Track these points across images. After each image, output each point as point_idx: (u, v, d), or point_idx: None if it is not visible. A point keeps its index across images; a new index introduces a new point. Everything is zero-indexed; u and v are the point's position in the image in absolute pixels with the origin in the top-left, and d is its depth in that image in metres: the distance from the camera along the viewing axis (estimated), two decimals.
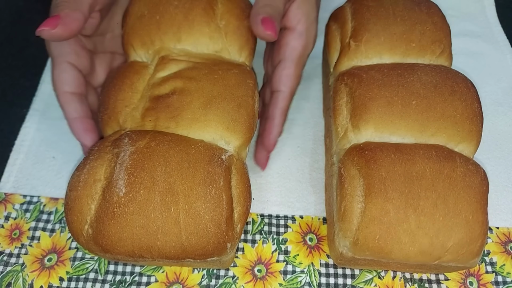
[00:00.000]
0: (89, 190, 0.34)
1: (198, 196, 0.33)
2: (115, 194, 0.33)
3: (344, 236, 0.36)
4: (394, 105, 0.37)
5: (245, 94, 0.39)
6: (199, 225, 0.33)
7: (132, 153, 0.34)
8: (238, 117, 0.38)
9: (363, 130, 0.38)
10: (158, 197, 0.33)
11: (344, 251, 0.37)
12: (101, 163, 0.35)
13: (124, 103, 0.39)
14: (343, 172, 0.37)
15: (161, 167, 0.34)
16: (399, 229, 0.34)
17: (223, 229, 0.33)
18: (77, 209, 0.34)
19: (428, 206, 0.34)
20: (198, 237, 0.33)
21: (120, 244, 0.33)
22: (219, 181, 0.34)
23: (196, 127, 0.37)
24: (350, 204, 0.35)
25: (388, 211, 0.34)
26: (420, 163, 0.35)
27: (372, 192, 0.34)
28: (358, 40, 0.42)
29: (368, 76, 0.39)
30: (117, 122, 0.39)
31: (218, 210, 0.33)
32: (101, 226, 0.33)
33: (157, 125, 0.37)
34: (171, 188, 0.33)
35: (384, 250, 0.34)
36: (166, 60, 0.40)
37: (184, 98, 0.37)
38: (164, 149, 0.35)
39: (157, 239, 0.33)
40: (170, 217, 0.33)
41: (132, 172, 0.34)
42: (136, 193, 0.33)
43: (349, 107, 0.39)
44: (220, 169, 0.35)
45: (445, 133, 0.37)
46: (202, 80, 0.38)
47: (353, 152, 0.37)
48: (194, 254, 0.34)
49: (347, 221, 0.35)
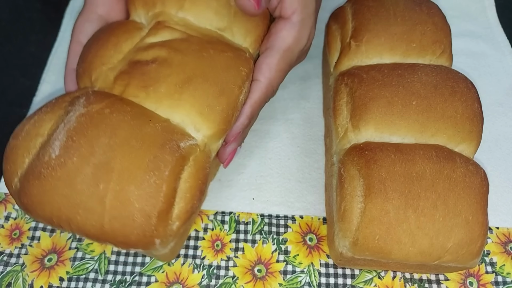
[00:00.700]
0: (28, 143, 0.32)
1: (133, 180, 0.30)
2: (47, 154, 0.31)
3: (344, 236, 0.36)
4: (395, 105, 0.37)
5: (232, 81, 0.35)
6: (125, 211, 0.30)
7: (80, 115, 0.32)
8: (216, 104, 0.34)
9: (363, 130, 0.38)
10: (90, 170, 0.30)
11: (344, 251, 0.37)
12: (50, 117, 0.33)
13: (102, 61, 0.36)
14: (343, 172, 0.37)
15: (105, 138, 0.31)
16: (399, 229, 0.34)
17: (152, 222, 0.30)
18: (12, 159, 0.32)
19: (428, 206, 0.34)
20: (121, 224, 0.30)
21: (39, 208, 0.31)
22: (164, 170, 0.31)
23: (167, 104, 0.34)
24: (350, 204, 0.35)
25: (388, 211, 0.34)
26: (420, 164, 0.35)
27: (372, 192, 0.34)
28: (358, 40, 0.42)
29: (369, 76, 0.39)
30: (89, 78, 0.36)
31: (151, 201, 0.30)
32: (26, 184, 0.31)
33: (126, 91, 0.34)
34: (107, 163, 0.30)
35: (383, 250, 0.34)
36: (161, 26, 0.37)
37: (163, 69, 0.34)
38: (116, 119, 0.32)
39: (78, 214, 0.30)
40: (97, 194, 0.30)
41: (72, 136, 0.31)
42: (68, 159, 0.30)
43: (349, 107, 0.39)
44: (171, 156, 0.31)
45: (445, 134, 0.37)
46: (188, 55, 0.35)
47: (353, 152, 0.37)
48: (114, 240, 0.31)
49: (346, 221, 0.35)
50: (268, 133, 0.49)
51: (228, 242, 0.42)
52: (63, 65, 0.54)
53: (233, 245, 0.42)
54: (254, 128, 0.49)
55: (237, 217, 0.44)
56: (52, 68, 0.53)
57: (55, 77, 0.53)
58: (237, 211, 0.44)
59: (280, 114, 0.50)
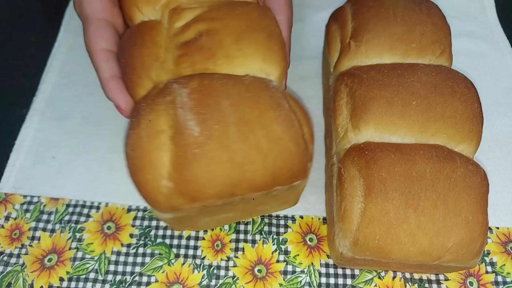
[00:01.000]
0: (156, 143, 0.32)
1: (271, 119, 0.32)
2: (189, 137, 0.31)
3: (344, 236, 0.36)
4: (394, 106, 0.37)
5: (271, 23, 0.38)
6: (281, 147, 0.32)
7: (189, 94, 0.33)
8: (272, 46, 0.36)
9: (363, 131, 0.38)
10: (234, 128, 0.31)
11: (344, 251, 0.37)
12: (157, 114, 0.33)
13: (152, 58, 0.36)
14: (343, 172, 0.37)
15: (224, 100, 0.32)
16: (399, 229, 0.34)
17: (302, 147, 0.33)
18: (148, 166, 0.32)
19: (428, 206, 0.34)
20: (283, 159, 0.32)
21: (209, 186, 0.31)
22: (283, 104, 0.33)
23: (234, 63, 0.35)
24: (350, 205, 0.35)
25: (388, 211, 0.34)
26: (420, 164, 0.35)
27: (372, 192, 0.34)
28: (358, 41, 0.42)
29: (368, 76, 0.39)
30: (149, 79, 0.36)
31: (293, 129, 0.33)
32: (185, 173, 0.31)
33: (195, 69, 0.35)
34: (242, 117, 0.32)
35: (384, 250, 0.34)
36: (179, 11, 0.38)
37: (213, 37, 0.36)
38: (219, 84, 0.33)
39: (246, 171, 0.32)
40: (252, 145, 0.32)
41: (199, 110, 0.32)
42: (211, 129, 0.31)
43: (349, 107, 0.39)
44: (278, 93, 0.34)
45: (445, 134, 0.37)
46: (226, 18, 0.37)
47: (353, 152, 0.37)
48: (282, 178, 0.33)
49: (347, 221, 0.35)
50: None
51: (228, 242, 0.42)
52: (63, 66, 0.54)
53: (233, 245, 0.42)
54: None
55: None
56: (52, 69, 0.53)
57: (55, 78, 0.53)
58: None
59: None
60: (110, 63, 0.37)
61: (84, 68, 0.53)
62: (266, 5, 0.40)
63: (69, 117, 0.50)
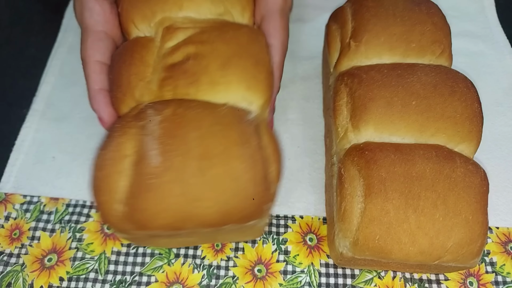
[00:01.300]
0: (118, 167, 0.33)
1: (234, 157, 0.32)
2: (147, 166, 0.32)
3: (344, 237, 0.36)
4: (394, 106, 0.37)
5: (260, 51, 0.38)
6: (239, 186, 0.32)
7: (160, 122, 0.33)
8: (257, 74, 0.36)
9: (363, 131, 0.38)
10: (194, 163, 0.31)
11: (344, 251, 0.37)
12: (127, 138, 0.33)
13: (138, 77, 0.37)
14: (343, 173, 0.37)
15: (193, 132, 0.32)
16: (399, 229, 0.34)
17: (261, 189, 0.32)
18: (107, 189, 0.32)
19: (428, 206, 0.34)
20: (238, 199, 0.32)
21: (158, 217, 0.32)
22: (252, 141, 0.33)
23: (217, 90, 0.36)
24: (350, 205, 0.36)
25: (388, 211, 0.34)
26: (420, 164, 0.35)
27: (372, 192, 0.34)
28: (358, 41, 0.42)
29: (368, 76, 0.39)
30: (133, 98, 0.37)
31: (255, 170, 0.32)
32: (138, 201, 0.31)
33: (177, 93, 0.35)
34: (206, 152, 0.32)
35: (384, 250, 0.34)
36: (172, 30, 0.38)
37: (200, 62, 0.36)
38: (192, 114, 0.33)
39: (198, 206, 0.31)
40: (208, 182, 0.31)
41: (165, 140, 0.32)
42: (171, 162, 0.31)
43: (349, 107, 0.39)
44: (251, 129, 0.34)
45: (445, 133, 0.37)
46: (215, 42, 0.37)
47: (353, 152, 0.37)
48: (235, 217, 0.33)
49: (347, 221, 0.35)
50: None
51: (229, 242, 0.42)
52: (63, 66, 0.54)
53: (233, 245, 0.42)
54: None
55: None
56: (52, 69, 0.53)
57: (54, 79, 0.53)
58: None
59: (280, 114, 0.50)
60: (101, 75, 0.38)
61: None
62: (262, 28, 0.40)
63: (69, 117, 0.50)
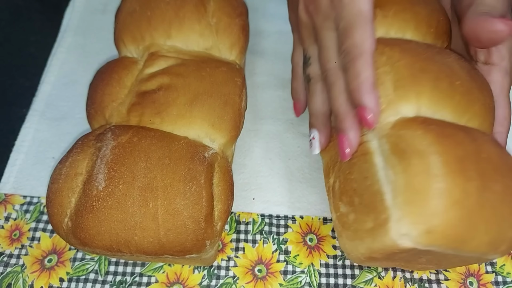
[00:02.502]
0: (70, 183, 0.34)
1: (177, 192, 0.33)
2: (94, 188, 0.33)
3: (413, 223, 0.29)
4: (442, 82, 0.33)
5: (232, 92, 0.39)
6: (177, 222, 0.33)
7: (113, 148, 0.35)
8: (223, 114, 0.38)
9: (414, 103, 0.33)
10: (137, 192, 0.33)
11: (403, 242, 0.30)
12: (83, 156, 0.35)
13: (111, 98, 0.39)
14: (405, 147, 0.31)
15: (141, 162, 0.34)
16: (478, 215, 0.29)
17: (201, 226, 0.34)
18: (57, 202, 0.34)
19: (499, 191, 0.29)
20: (176, 234, 0.33)
21: (98, 238, 0.33)
22: (199, 178, 0.34)
23: (181, 123, 0.37)
24: (423, 184, 0.29)
25: (471, 193, 0.28)
26: (484, 146, 0.31)
27: (451, 171, 0.29)
28: (386, 11, 0.38)
29: (410, 47, 0.35)
30: (103, 117, 0.39)
31: (197, 207, 0.33)
32: (80, 220, 0.33)
33: (142, 121, 0.37)
34: (150, 183, 0.33)
35: (459, 239, 0.29)
36: (155, 57, 0.40)
37: (170, 94, 0.38)
38: (146, 144, 0.35)
39: (135, 234, 0.33)
40: (148, 213, 0.33)
41: (112, 166, 0.34)
42: (115, 188, 0.33)
43: (391, 77, 0.34)
44: (201, 166, 0.35)
45: (478, 121, 0.34)
46: (189, 77, 0.39)
47: (413, 125, 0.32)
48: (172, 250, 0.34)
49: (418, 204, 0.29)
50: (268, 133, 0.49)
51: (229, 242, 0.42)
52: (62, 66, 0.54)
53: (233, 245, 0.42)
54: (254, 128, 0.49)
55: (238, 217, 0.44)
56: (52, 68, 0.53)
57: (54, 78, 0.53)
58: (238, 211, 0.44)
59: (281, 114, 0.50)
60: None
61: (83, 68, 0.53)
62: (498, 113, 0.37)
63: (69, 117, 0.50)
